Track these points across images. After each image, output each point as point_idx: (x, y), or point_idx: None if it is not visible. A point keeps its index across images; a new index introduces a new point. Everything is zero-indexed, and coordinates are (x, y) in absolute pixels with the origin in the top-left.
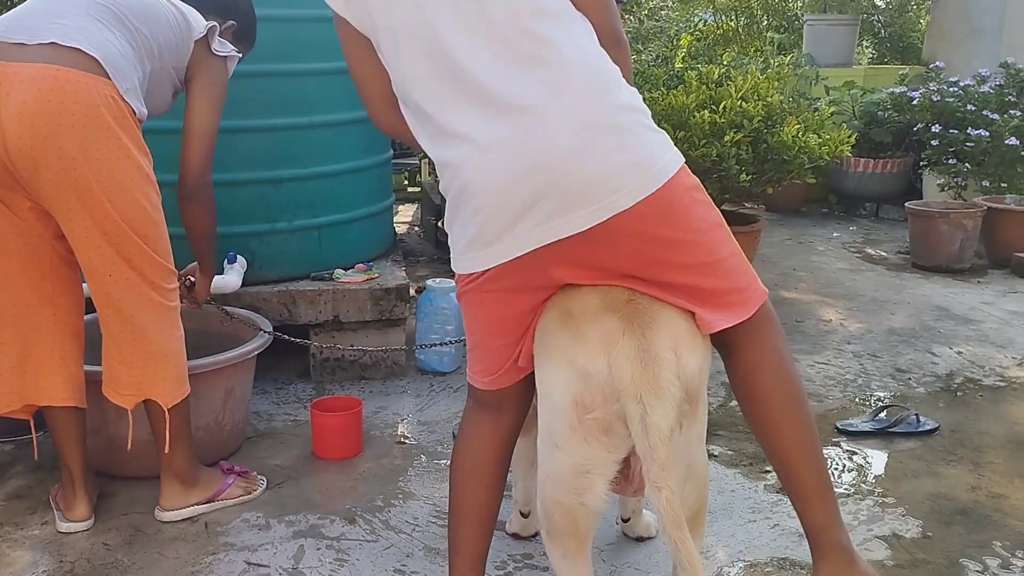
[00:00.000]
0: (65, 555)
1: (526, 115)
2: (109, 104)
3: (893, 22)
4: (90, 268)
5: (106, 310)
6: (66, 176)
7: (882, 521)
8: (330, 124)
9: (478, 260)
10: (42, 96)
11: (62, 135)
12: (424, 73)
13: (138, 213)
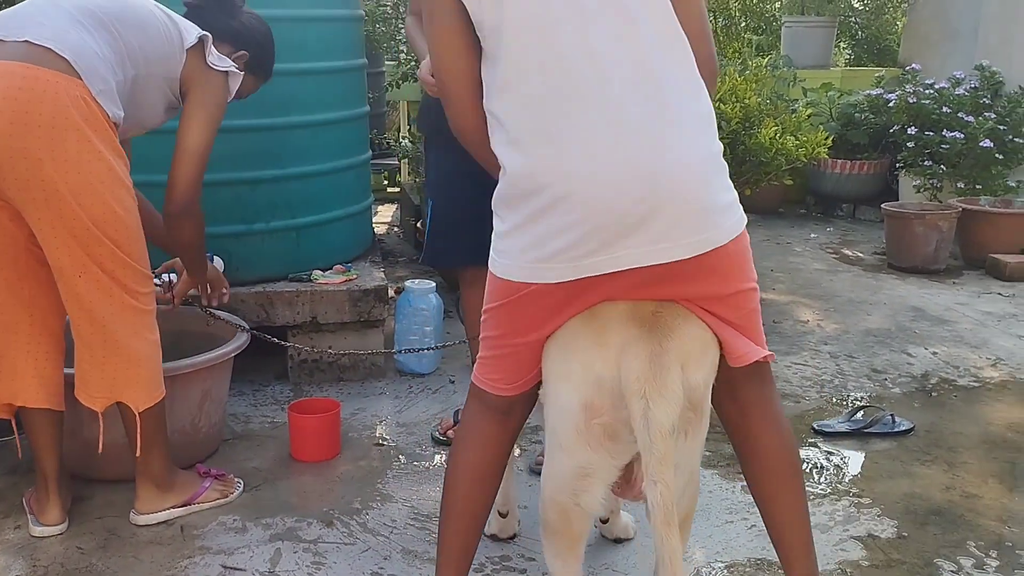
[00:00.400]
0: (39, 559)
1: (646, 135)
2: (79, 105)
3: (870, 24)
4: (60, 270)
5: (76, 312)
6: (32, 176)
7: (858, 521)
8: (308, 124)
9: (564, 271)
10: (8, 94)
11: (28, 135)
12: (539, 74)
13: (109, 216)
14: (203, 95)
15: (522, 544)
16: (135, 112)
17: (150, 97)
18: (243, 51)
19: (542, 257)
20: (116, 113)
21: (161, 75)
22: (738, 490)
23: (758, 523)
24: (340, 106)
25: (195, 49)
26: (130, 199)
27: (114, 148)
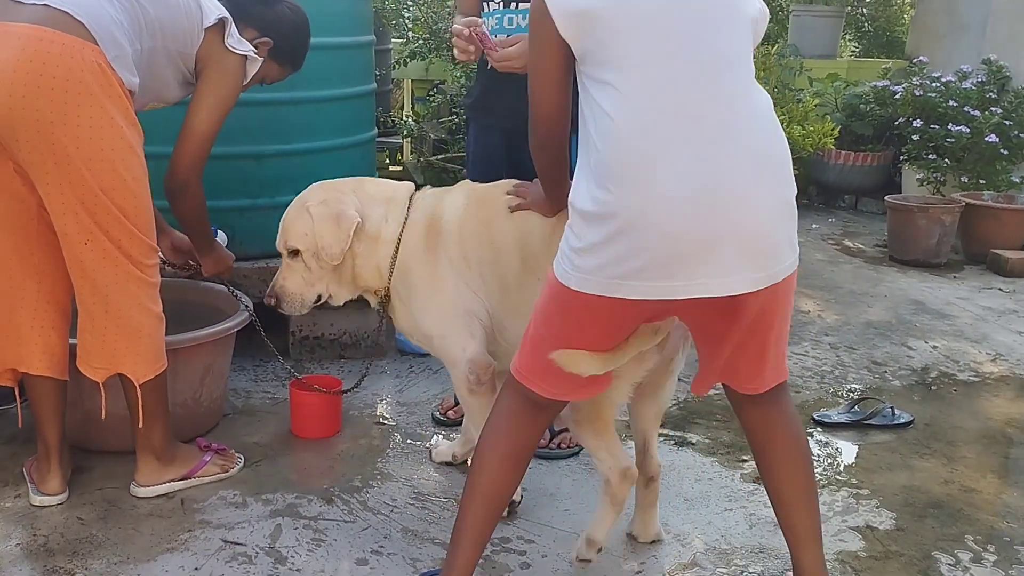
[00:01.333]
0: (39, 528)
1: (731, 175)
2: (95, 70)
3: (878, 15)
4: (66, 236)
5: (80, 281)
6: (43, 140)
7: (856, 512)
8: (314, 100)
9: (642, 290)
10: (24, 56)
11: (41, 98)
12: (639, 106)
13: (118, 184)
14: (217, 77)
15: (521, 526)
16: (151, 84)
17: (165, 71)
18: (267, 38)
19: (620, 275)
20: (131, 80)
21: (176, 50)
22: (737, 478)
23: (757, 511)
24: (347, 82)
25: (214, 29)
26: (140, 168)
27: (127, 116)
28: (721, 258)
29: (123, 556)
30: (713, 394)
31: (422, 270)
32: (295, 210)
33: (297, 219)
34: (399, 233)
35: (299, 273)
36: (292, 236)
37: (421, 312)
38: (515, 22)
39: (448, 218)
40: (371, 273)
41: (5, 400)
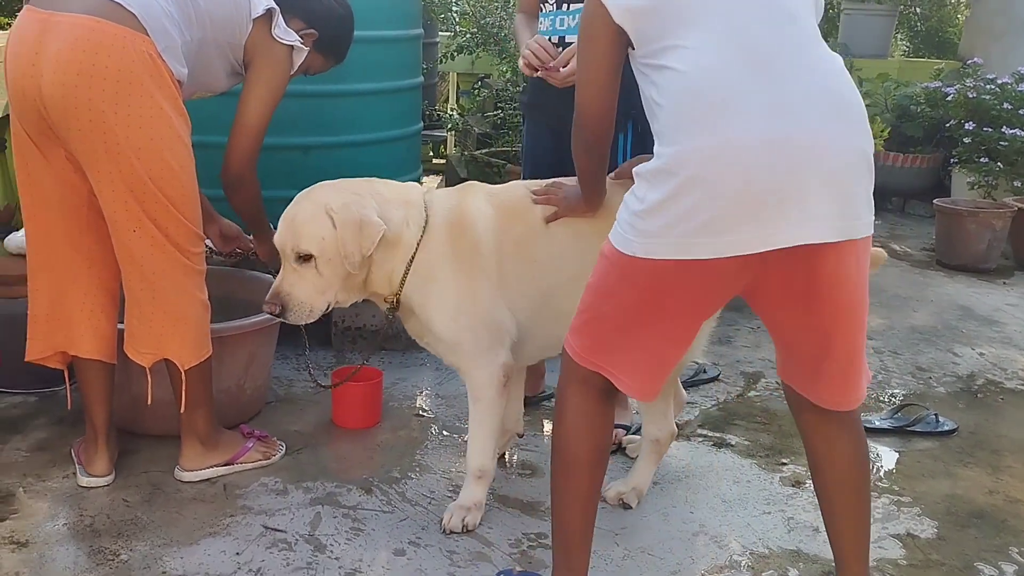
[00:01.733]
0: (85, 509)
1: (806, 118)
2: (145, 60)
3: (931, 15)
4: (115, 223)
5: (128, 267)
6: (94, 128)
7: (897, 520)
8: (362, 93)
9: (715, 247)
10: (77, 46)
11: (93, 87)
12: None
13: (165, 172)
14: (265, 68)
15: None
16: (199, 73)
17: (214, 61)
18: (313, 30)
19: (690, 231)
20: (180, 71)
21: (225, 40)
22: (776, 481)
23: (796, 515)
24: (395, 76)
25: (262, 19)
26: (188, 158)
27: (176, 106)
28: (801, 203)
29: (166, 539)
30: (752, 395)
31: (452, 279)
32: (310, 212)
33: (313, 222)
34: (418, 238)
35: (309, 280)
36: (306, 240)
37: (449, 320)
38: (566, 23)
39: (481, 230)
40: (383, 279)
41: (54, 382)
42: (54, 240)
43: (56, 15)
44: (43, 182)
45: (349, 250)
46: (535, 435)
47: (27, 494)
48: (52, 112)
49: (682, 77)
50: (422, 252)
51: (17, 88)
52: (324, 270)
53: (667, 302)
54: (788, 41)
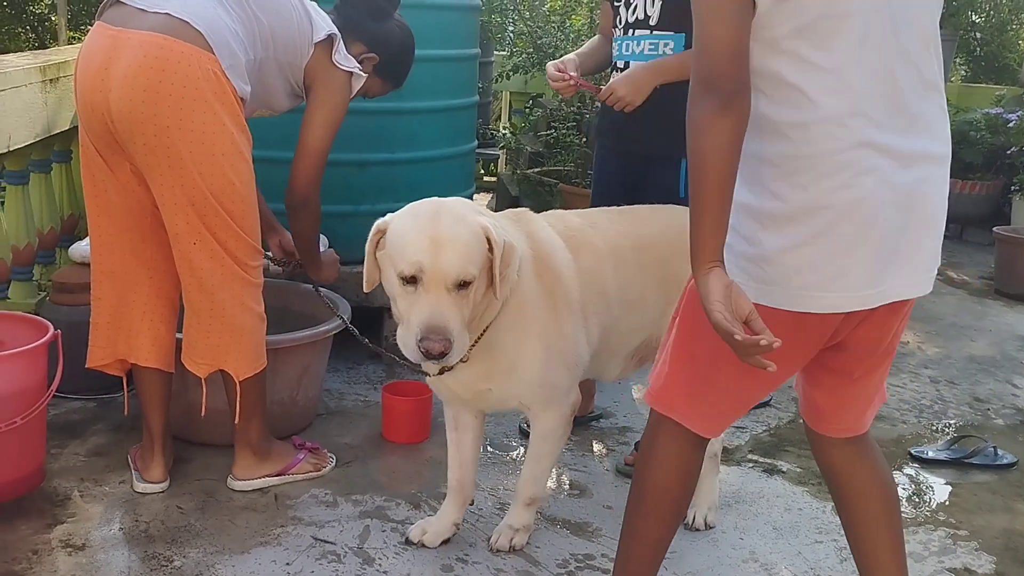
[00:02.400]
0: (140, 515)
1: (926, 161)
2: (210, 78)
3: (991, 40)
4: (176, 235)
5: (188, 279)
6: (159, 143)
7: (954, 554)
8: (419, 111)
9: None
10: (145, 63)
11: (159, 103)
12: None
13: (227, 188)
14: (325, 93)
15: (606, 544)
16: (261, 92)
17: (275, 81)
18: (374, 54)
19: (813, 284)
20: (243, 89)
21: (287, 62)
22: (828, 510)
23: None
24: (452, 94)
25: (323, 44)
26: (248, 173)
27: (238, 122)
28: (914, 257)
29: (219, 547)
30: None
31: (543, 315)
32: (470, 235)
33: (477, 245)
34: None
35: (463, 309)
36: (473, 266)
37: (540, 361)
38: (631, 48)
39: (560, 262)
40: (480, 319)
41: (114, 388)
42: (117, 249)
43: (126, 32)
44: (108, 193)
45: (510, 268)
46: (584, 455)
47: (83, 498)
48: (119, 126)
49: (817, 111)
50: (516, 290)
51: (86, 102)
52: (477, 297)
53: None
54: (922, 79)
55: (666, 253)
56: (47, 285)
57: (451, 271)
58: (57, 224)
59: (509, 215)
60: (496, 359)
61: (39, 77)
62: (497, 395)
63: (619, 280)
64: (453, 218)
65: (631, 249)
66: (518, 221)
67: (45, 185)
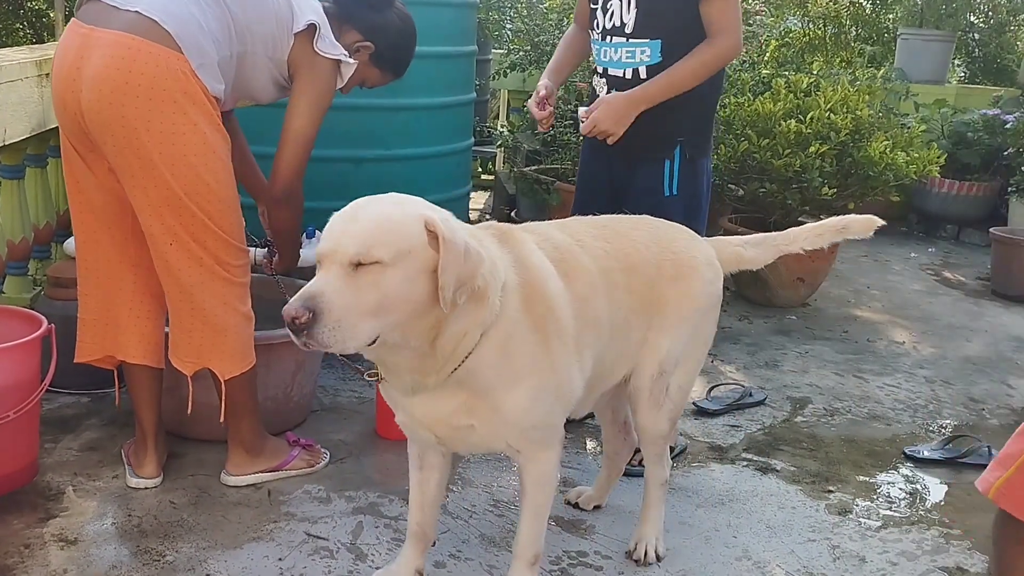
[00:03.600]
0: (133, 509)
1: None
2: (178, 77)
3: (990, 41)
4: (152, 236)
5: (166, 278)
6: (128, 144)
7: (947, 553)
8: (415, 107)
9: None
10: (112, 63)
11: (126, 104)
12: None
13: (200, 188)
14: (307, 82)
15: (599, 542)
16: (242, 86)
17: (258, 74)
18: (370, 43)
19: None
20: (216, 87)
21: (267, 55)
22: (822, 509)
23: (842, 544)
24: (448, 91)
25: (303, 34)
26: (225, 172)
27: (212, 121)
28: None
29: (211, 542)
30: (799, 421)
31: (533, 352)
32: (396, 215)
33: (398, 227)
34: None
35: (363, 292)
36: (383, 245)
37: (528, 403)
38: (609, 56)
39: (552, 291)
40: (450, 340)
41: (106, 384)
42: (101, 247)
43: (96, 31)
44: (88, 191)
45: (448, 278)
46: (578, 453)
47: (76, 493)
48: (91, 126)
49: None
50: (500, 320)
51: (60, 101)
52: (392, 288)
53: None
54: None
55: (653, 275)
56: (42, 280)
57: (349, 247)
58: (52, 219)
59: (493, 232)
60: (479, 395)
61: (35, 71)
62: (480, 434)
63: (611, 306)
64: (383, 203)
65: (621, 271)
66: (504, 241)
67: (41, 180)
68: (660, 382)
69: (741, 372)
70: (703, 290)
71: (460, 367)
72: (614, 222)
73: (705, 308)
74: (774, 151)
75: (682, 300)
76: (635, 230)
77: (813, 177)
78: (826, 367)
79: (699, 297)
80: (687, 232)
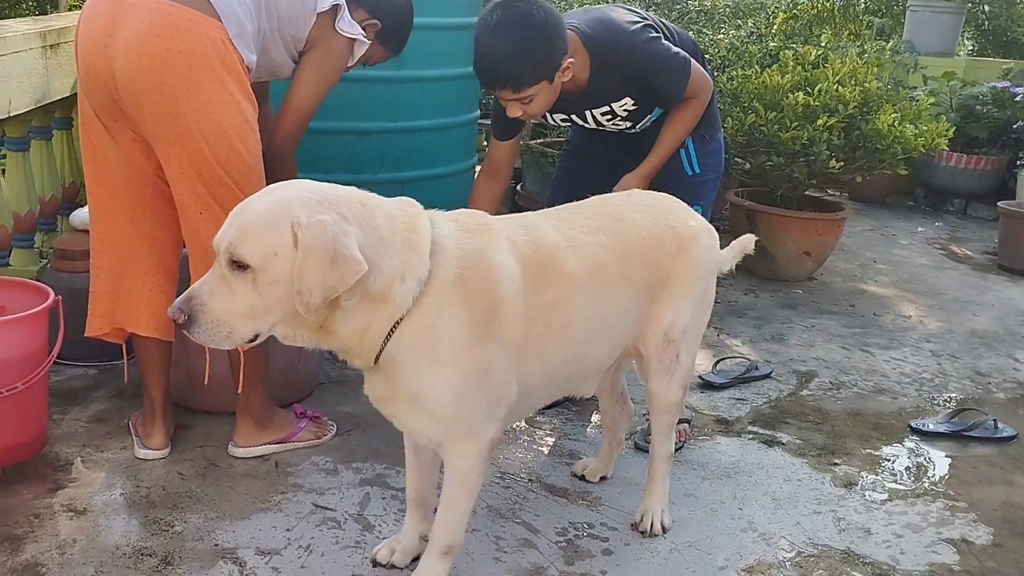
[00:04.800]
0: (141, 480)
1: None
2: (217, 46)
3: (999, 14)
4: (183, 205)
5: (194, 248)
6: (166, 112)
7: (952, 525)
8: (421, 79)
9: None
10: (152, 30)
11: (166, 71)
12: None
13: (233, 157)
14: (322, 55)
15: (606, 514)
16: (264, 61)
17: (276, 50)
18: (376, 20)
19: None
20: (249, 58)
21: (288, 32)
22: (827, 481)
23: (847, 516)
24: (454, 63)
25: (326, 14)
26: (255, 143)
27: (245, 91)
28: None
29: (219, 512)
30: (805, 394)
31: (461, 349)
32: (268, 214)
33: (268, 228)
34: (415, 295)
35: (239, 295)
36: (250, 246)
37: (449, 397)
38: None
39: (505, 293)
40: (353, 334)
41: (115, 356)
42: (117, 218)
43: None
44: (108, 161)
45: (308, 284)
46: (583, 425)
47: (85, 464)
48: (124, 94)
49: None
50: (421, 312)
51: (89, 69)
52: (264, 291)
53: None
54: None
55: (654, 258)
56: (48, 252)
57: (220, 243)
58: (58, 191)
59: (469, 223)
60: (398, 383)
61: (39, 43)
62: (404, 422)
63: (600, 305)
64: (269, 194)
65: (616, 264)
66: (474, 232)
67: (46, 152)
68: (669, 351)
69: (747, 346)
70: (704, 257)
71: (382, 354)
72: (610, 207)
73: (707, 274)
74: (781, 124)
75: (684, 272)
76: (633, 211)
77: (821, 150)
78: (832, 341)
79: (701, 265)
80: (678, 202)
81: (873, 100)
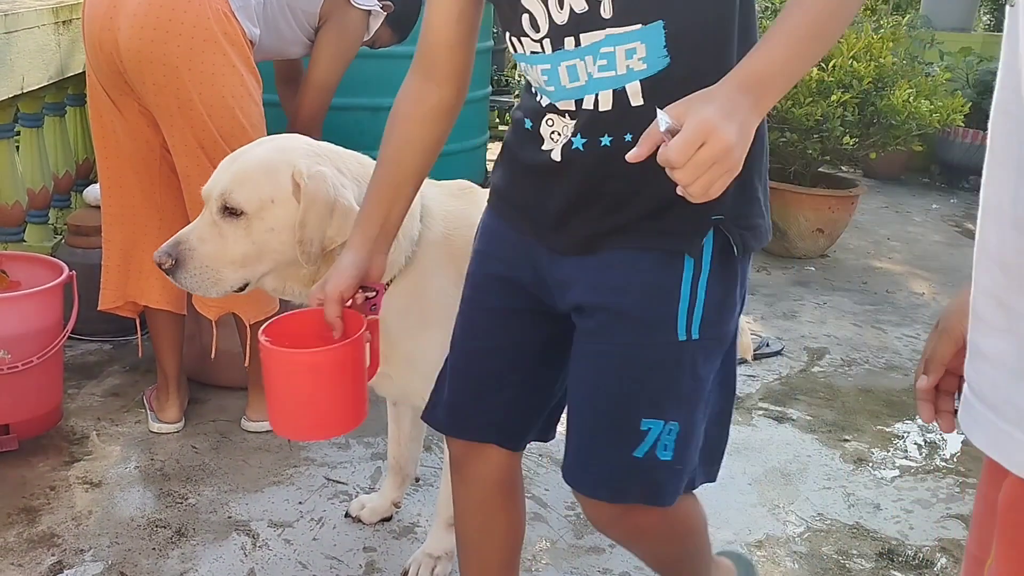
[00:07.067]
0: (156, 454)
1: None
2: (220, 19)
3: None
4: (186, 177)
5: None
6: (168, 83)
7: (961, 501)
8: None
9: None
10: (155, 2)
11: (169, 43)
12: None
13: (236, 130)
14: (339, 28)
15: None
16: (269, 38)
17: (284, 24)
18: (389, 2)
19: None
20: (252, 31)
21: (300, 7)
22: (837, 457)
23: (856, 492)
24: None
25: None
26: (258, 116)
27: (248, 64)
28: None
29: (232, 485)
30: (816, 371)
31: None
32: (266, 163)
33: (266, 176)
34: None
35: (229, 241)
36: (246, 192)
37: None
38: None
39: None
40: None
41: (129, 331)
42: (127, 192)
43: None
44: (117, 135)
45: (309, 233)
46: None
47: (100, 438)
48: (128, 66)
49: None
50: (412, 271)
51: (94, 42)
52: (258, 238)
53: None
54: None
55: None
56: (63, 228)
57: (212, 191)
58: (72, 168)
59: (453, 188)
60: (392, 344)
61: (52, 19)
62: (398, 385)
63: None
64: (266, 144)
65: None
66: (460, 197)
67: (60, 128)
68: None
69: (759, 323)
70: None
71: None
72: None
73: None
74: (795, 100)
75: None
76: None
77: (834, 126)
78: (844, 318)
79: None
80: None
81: (888, 75)
